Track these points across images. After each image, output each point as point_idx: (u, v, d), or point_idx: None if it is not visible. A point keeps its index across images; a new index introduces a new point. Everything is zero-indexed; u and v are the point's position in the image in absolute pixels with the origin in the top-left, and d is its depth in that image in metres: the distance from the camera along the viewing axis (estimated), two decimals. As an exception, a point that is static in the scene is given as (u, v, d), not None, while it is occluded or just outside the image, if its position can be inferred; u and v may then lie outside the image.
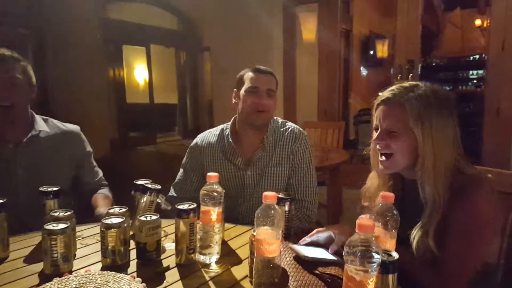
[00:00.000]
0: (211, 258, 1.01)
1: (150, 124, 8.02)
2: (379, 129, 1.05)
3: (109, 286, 0.75)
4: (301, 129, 1.56)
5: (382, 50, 6.34)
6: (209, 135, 1.59)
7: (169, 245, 1.10)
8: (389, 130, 1.02)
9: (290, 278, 0.90)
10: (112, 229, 0.98)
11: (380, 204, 0.89)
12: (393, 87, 1.06)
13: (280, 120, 1.57)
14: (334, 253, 1.01)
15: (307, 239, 1.08)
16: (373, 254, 0.66)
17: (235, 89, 1.53)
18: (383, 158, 1.05)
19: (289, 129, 1.53)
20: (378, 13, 6.18)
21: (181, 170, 1.61)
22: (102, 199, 1.51)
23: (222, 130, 1.58)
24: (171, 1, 5.86)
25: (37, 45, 5.85)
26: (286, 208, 1.13)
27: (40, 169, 1.41)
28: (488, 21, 3.41)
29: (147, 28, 7.22)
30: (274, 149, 1.49)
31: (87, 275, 0.80)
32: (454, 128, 1.01)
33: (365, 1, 5.97)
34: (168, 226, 1.19)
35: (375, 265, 0.67)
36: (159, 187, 1.23)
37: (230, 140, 1.52)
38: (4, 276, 0.95)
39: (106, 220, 0.99)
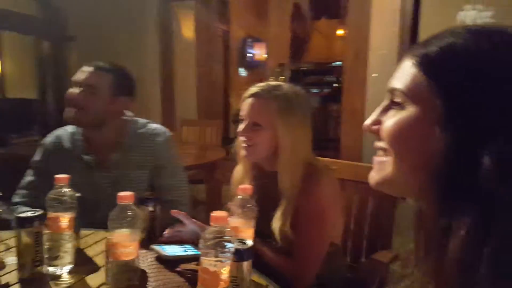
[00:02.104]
0: (63, 268, 0.91)
1: (2, 122, 6.83)
2: (245, 121, 1.11)
3: None
4: (164, 129, 1.52)
5: (259, 52, 6.71)
6: (62, 133, 1.46)
7: (11, 260, 0.96)
8: (254, 123, 1.09)
9: (149, 279, 0.87)
10: None
11: (239, 196, 0.94)
12: (261, 84, 1.14)
13: (140, 120, 1.50)
14: (196, 248, 1.01)
15: (166, 235, 1.08)
16: (226, 243, 0.69)
17: None
18: (245, 147, 1.11)
19: (150, 130, 1.47)
20: (254, 16, 6.51)
21: (30, 172, 1.43)
22: None
23: (75, 128, 1.45)
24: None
25: None
26: (151, 208, 1.10)
27: None
28: (347, 31, 3.87)
29: (8, 13, 6.14)
30: (133, 151, 1.42)
31: None
32: (309, 126, 1.13)
33: (242, 3, 6.21)
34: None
35: (228, 254, 0.70)
36: (-1, 194, 1.06)
37: (81, 138, 1.42)
38: None
39: None
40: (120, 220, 0.77)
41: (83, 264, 0.96)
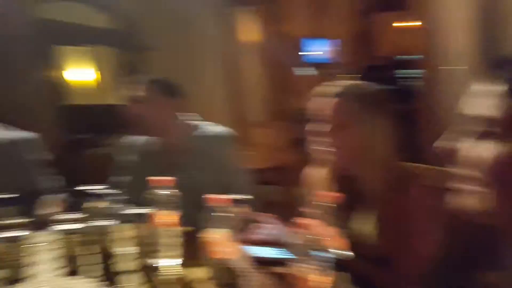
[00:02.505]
0: (170, 262, 1.02)
1: (100, 126, 7.62)
2: (324, 122, 1.06)
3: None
4: (226, 130, 1.60)
5: (320, 50, 6.59)
6: (143, 137, 1.65)
7: (127, 249, 1.10)
8: (336, 124, 1.05)
9: (243, 279, 0.91)
10: (67, 235, 0.98)
11: (323, 203, 0.90)
12: (339, 82, 1.10)
13: (203, 123, 1.61)
14: (282, 251, 1.02)
15: (253, 236, 1.10)
16: (322, 253, 0.70)
17: None
18: (326, 149, 1.07)
19: (212, 132, 1.57)
20: (315, 13, 6.40)
21: (121, 171, 1.65)
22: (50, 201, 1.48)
23: None
24: (110, 1, 5.66)
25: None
26: (237, 209, 1.16)
27: None
28: (422, 23, 3.59)
29: (88, 28, 6.88)
30: (195, 154, 1.52)
31: (40, 283, 0.81)
32: (392, 127, 1.09)
33: (304, 2, 6.16)
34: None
35: (325, 264, 0.70)
36: (111, 192, 1.23)
37: (154, 142, 1.60)
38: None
39: (60, 226, 1.00)
40: (217, 221, 0.86)
41: (185, 258, 1.07)
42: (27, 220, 1.04)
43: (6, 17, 5.48)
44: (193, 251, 1.10)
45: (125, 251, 1.11)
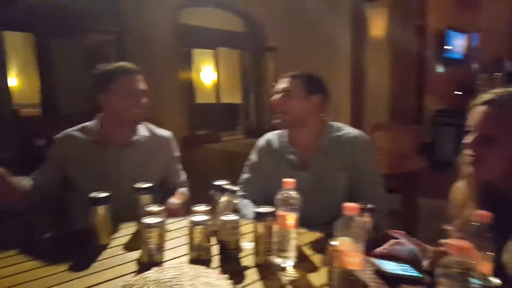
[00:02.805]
0: (287, 262, 1.05)
1: (216, 123, 8.40)
2: (474, 133, 0.99)
3: (201, 280, 0.83)
4: (363, 133, 1.55)
5: (461, 46, 5.87)
6: (272, 137, 1.67)
7: (246, 244, 1.17)
8: (486, 135, 0.96)
9: None
10: (199, 226, 1.07)
11: (475, 224, 0.83)
12: (496, 90, 1.00)
13: (336, 124, 1.59)
14: (416, 270, 0.97)
15: (383, 250, 1.06)
16: (472, 279, 0.64)
17: None
18: (474, 163, 0.99)
19: (348, 134, 1.53)
20: (457, 5, 5.72)
21: (246, 169, 1.69)
22: (179, 193, 1.67)
23: (281, 132, 1.65)
24: (237, 4, 6.07)
25: (118, 50, 6.42)
26: (366, 219, 1.12)
27: (138, 168, 1.57)
28: None
29: (215, 31, 7.55)
30: (331, 154, 1.51)
31: (181, 268, 0.89)
32: None
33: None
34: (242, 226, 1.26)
35: None
36: (237, 188, 1.31)
37: (286, 140, 1.59)
38: (108, 261, 1.09)
39: (193, 217, 1.09)
40: (345, 229, 0.82)
41: (303, 261, 1.08)
42: (162, 208, 1.16)
43: (155, 23, 6.40)
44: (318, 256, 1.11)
45: (246, 246, 1.16)
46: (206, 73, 9.95)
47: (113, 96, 1.51)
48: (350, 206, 0.82)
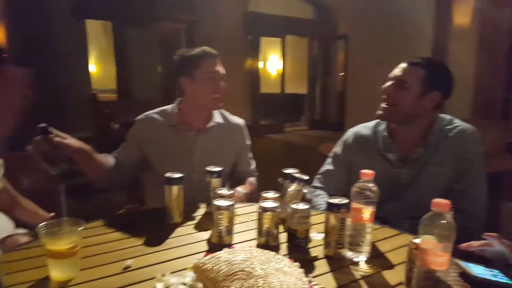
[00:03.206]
0: (360, 256, 1.00)
1: (279, 113, 8.38)
2: None
3: (271, 265, 0.81)
4: (473, 128, 1.40)
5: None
6: (363, 129, 1.57)
7: (315, 236, 1.13)
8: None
9: None
10: (268, 212, 1.05)
11: None
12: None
13: (447, 117, 1.44)
14: (506, 276, 0.89)
15: (468, 246, 0.99)
16: None
17: None
18: None
19: (458, 128, 1.39)
20: None
21: (329, 161, 1.63)
22: (248, 183, 1.69)
23: (376, 124, 1.55)
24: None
25: (189, 37, 6.67)
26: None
27: (211, 153, 1.60)
28: None
29: (284, 19, 7.49)
30: (437, 148, 1.38)
31: (252, 251, 0.88)
32: None
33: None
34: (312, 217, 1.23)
35: None
36: (307, 177, 1.27)
37: (386, 134, 1.48)
38: (180, 239, 1.13)
39: (263, 203, 1.08)
40: (433, 227, 0.75)
41: (377, 257, 1.02)
42: (232, 192, 1.18)
43: (225, 11, 6.53)
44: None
45: (316, 237, 1.12)
46: (273, 62, 9.94)
47: (196, 80, 1.54)
48: (440, 202, 0.75)
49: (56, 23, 4.81)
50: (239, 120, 1.75)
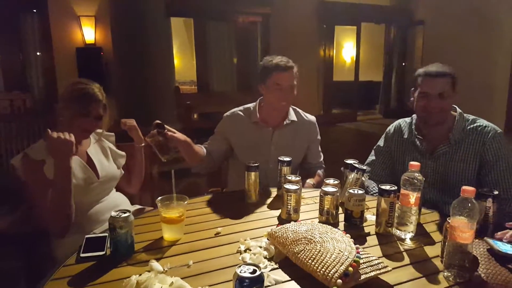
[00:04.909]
0: (406, 234, 1.18)
1: (352, 101, 8.28)
2: None
3: (328, 235, 1.05)
4: (495, 127, 1.52)
5: None
6: (402, 124, 1.75)
7: (370, 217, 1.33)
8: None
9: (480, 265, 0.97)
10: (328, 195, 1.28)
11: None
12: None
13: (470, 117, 1.57)
14: None
15: (502, 234, 1.11)
16: None
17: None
18: None
19: (479, 127, 1.53)
20: None
21: (373, 152, 1.82)
22: (318, 175, 1.93)
23: (411, 120, 1.72)
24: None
25: (265, 30, 6.93)
26: (488, 204, 1.16)
27: (285, 146, 1.85)
28: None
29: (359, 6, 7.36)
30: (459, 146, 1.54)
31: (312, 224, 1.13)
32: None
33: None
34: (369, 201, 1.42)
35: None
36: (365, 167, 1.46)
37: (413, 127, 1.68)
38: (256, 215, 1.41)
39: (324, 188, 1.31)
40: (461, 209, 0.91)
41: (422, 236, 1.19)
42: (298, 178, 1.42)
43: (296, 3, 6.64)
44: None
45: (369, 218, 1.32)
46: (347, 50, 9.79)
47: (267, 88, 1.81)
48: (467, 189, 0.90)
49: (150, 23, 5.27)
50: (311, 117, 1.99)
